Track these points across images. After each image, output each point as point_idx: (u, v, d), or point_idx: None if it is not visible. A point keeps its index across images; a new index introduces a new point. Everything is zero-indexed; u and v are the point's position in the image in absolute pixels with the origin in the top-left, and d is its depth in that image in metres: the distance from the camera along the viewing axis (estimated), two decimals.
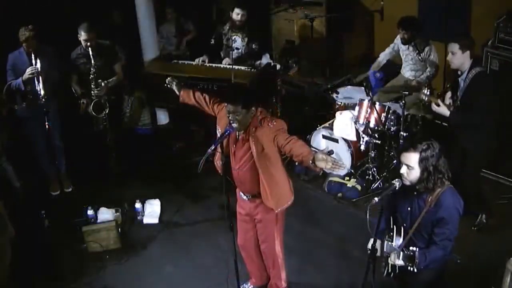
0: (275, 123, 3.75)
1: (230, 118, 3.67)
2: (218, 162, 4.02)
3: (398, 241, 3.40)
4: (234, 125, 3.68)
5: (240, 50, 6.38)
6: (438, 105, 4.56)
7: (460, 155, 4.78)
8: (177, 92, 4.42)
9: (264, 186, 3.85)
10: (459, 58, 4.45)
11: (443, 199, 3.24)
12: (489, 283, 4.26)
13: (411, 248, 3.18)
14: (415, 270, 3.15)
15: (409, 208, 3.40)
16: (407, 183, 3.29)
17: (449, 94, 4.75)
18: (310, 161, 3.34)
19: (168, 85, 4.51)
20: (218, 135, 3.88)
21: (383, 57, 6.48)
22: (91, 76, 5.44)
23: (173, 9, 7.57)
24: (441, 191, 3.26)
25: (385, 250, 3.41)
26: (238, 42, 6.38)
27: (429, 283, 3.49)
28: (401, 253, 3.21)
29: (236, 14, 6.21)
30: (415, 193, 3.34)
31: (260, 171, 3.81)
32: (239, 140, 3.85)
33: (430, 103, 4.65)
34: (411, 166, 3.23)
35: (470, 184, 4.83)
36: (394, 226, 3.46)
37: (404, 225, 3.43)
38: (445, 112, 4.53)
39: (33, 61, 5.22)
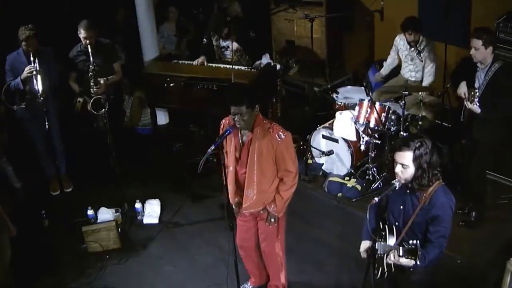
0: (284, 137, 3.78)
1: (236, 119, 3.68)
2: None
3: (391, 241, 3.38)
4: (240, 125, 3.70)
5: (230, 48, 6.39)
6: (471, 103, 4.52)
7: (468, 151, 4.86)
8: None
9: (254, 186, 3.89)
10: (482, 53, 4.48)
11: (437, 197, 3.23)
12: (489, 283, 4.27)
13: (410, 241, 3.16)
14: (418, 263, 3.13)
15: (401, 207, 3.38)
16: (402, 181, 3.28)
17: (464, 87, 4.70)
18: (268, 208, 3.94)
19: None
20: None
21: (387, 68, 6.49)
22: (89, 73, 5.45)
23: (176, 8, 7.58)
24: (434, 189, 3.25)
25: (378, 250, 3.39)
26: (228, 41, 6.41)
27: (421, 281, 3.48)
28: (401, 248, 3.18)
29: (224, 34, 6.40)
30: (408, 191, 3.33)
31: (254, 172, 3.84)
32: (244, 145, 3.86)
33: (464, 99, 4.60)
34: (406, 164, 3.21)
35: (476, 174, 4.89)
36: (386, 226, 3.44)
37: (397, 224, 3.42)
38: (477, 110, 4.50)
39: (32, 61, 5.22)
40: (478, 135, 4.75)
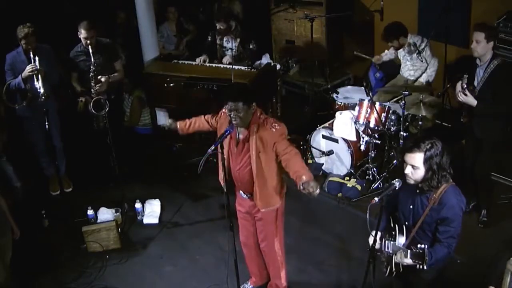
0: (277, 127, 3.77)
1: (231, 116, 3.68)
2: (221, 173, 3.99)
3: (401, 240, 3.40)
4: (235, 122, 3.69)
5: (234, 51, 6.39)
6: (466, 95, 4.54)
7: (472, 148, 4.86)
8: (175, 129, 4.36)
9: (255, 185, 3.89)
10: (484, 48, 4.47)
11: (447, 198, 3.23)
12: (489, 283, 4.26)
13: (419, 245, 3.17)
14: (425, 267, 3.14)
15: (411, 207, 3.39)
16: (412, 182, 3.28)
17: (459, 83, 4.72)
18: (301, 183, 3.51)
19: (166, 128, 4.43)
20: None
21: (387, 54, 6.44)
22: (90, 73, 5.45)
23: (176, 8, 7.58)
24: (444, 189, 3.25)
25: (388, 249, 3.40)
26: (232, 42, 6.41)
27: (430, 280, 3.48)
28: (409, 251, 3.19)
29: (218, 27, 6.37)
30: (418, 191, 3.33)
31: (253, 171, 3.83)
32: (240, 141, 3.86)
33: (459, 93, 4.60)
34: (416, 166, 3.21)
35: (482, 174, 4.90)
36: (396, 225, 3.45)
37: (406, 223, 3.43)
38: (473, 102, 4.52)
39: (32, 59, 5.22)
40: (479, 133, 4.75)
